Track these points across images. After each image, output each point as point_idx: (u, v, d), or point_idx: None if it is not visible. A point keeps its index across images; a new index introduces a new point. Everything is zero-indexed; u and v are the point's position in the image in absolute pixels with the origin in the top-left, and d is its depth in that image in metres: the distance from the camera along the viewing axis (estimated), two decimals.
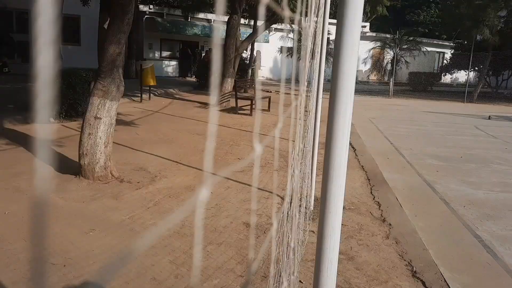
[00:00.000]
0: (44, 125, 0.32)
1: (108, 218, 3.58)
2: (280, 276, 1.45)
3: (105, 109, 4.39)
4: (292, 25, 19.99)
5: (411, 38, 21.43)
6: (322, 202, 0.96)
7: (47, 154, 0.30)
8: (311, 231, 3.59)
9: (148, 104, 11.18)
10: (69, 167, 4.80)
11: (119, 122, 5.04)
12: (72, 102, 7.50)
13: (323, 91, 3.80)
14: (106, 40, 4.27)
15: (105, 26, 4.40)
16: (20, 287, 2.51)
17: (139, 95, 11.51)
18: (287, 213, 1.53)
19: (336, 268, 1.08)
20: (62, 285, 2.53)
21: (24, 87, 11.50)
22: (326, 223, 0.99)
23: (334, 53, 0.89)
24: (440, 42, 28.93)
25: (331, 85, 0.91)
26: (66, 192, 4.13)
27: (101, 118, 4.37)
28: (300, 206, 2.48)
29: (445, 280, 2.83)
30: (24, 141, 5.91)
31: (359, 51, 0.96)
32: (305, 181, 3.05)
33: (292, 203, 1.63)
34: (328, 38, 4.13)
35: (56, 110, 7.44)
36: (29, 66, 17.14)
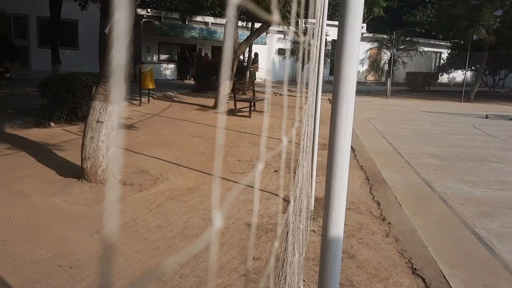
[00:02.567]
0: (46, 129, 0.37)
1: (112, 221, 3.62)
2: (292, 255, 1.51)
3: (107, 113, 4.44)
4: (293, 28, 20.06)
5: (408, 39, 21.51)
6: (326, 198, 1.01)
7: (49, 158, 0.35)
8: (312, 230, 3.65)
9: (147, 107, 11.23)
10: (71, 170, 4.85)
11: (119, 125, 5.08)
12: (72, 106, 7.54)
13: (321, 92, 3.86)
14: (107, 44, 4.32)
15: (106, 31, 4.45)
16: None
17: (138, 98, 11.56)
18: (299, 207, 1.60)
19: (340, 262, 1.13)
20: (70, 286, 2.58)
21: (23, 92, 11.54)
22: (330, 219, 1.04)
23: (336, 58, 0.94)
24: (436, 42, 29.05)
25: (333, 88, 0.97)
26: (70, 195, 4.18)
27: (103, 122, 4.42)
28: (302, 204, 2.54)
29: (444, 277, 2.88)
30: (25, 146, 5.96)
31: None
32: (307, 181, 3.11)
33: (301, 199, 1.69)
34: (325, 40, 4.19)
35: (57, 114, 7.47)
36: (28, 70, 17.18)
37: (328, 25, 4.47)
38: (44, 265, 2.83)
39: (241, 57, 16.32)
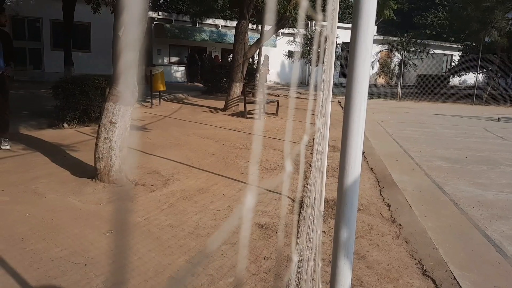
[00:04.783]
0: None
1: (125, 220, 3.68)
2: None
3: (120, 114, 4.51)
4: (302, 29, 20.09)
5: (419, 41, 21.42)
6: (338, 196, 1.05)
7: (63, 158, 0.39)
8: (323, 231, 3.67)
9: (158, 109, 11.34)
10: (85, 170, 4.93)
11: (131, 127, 5.17)
12: (85, 108, 7.65)
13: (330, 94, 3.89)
14: (121, 47, 4.39)
15: (120, 33, 4.53)
16: (44, 285, 2.62)
17: (149, 100, 11.68)
18: (313, 208, 1.64)
19: (352, 259, 1.16)
20: (84, 283, 2.64)
21: (37, 94, 11.74)
22: (342, 216, 1.07)
23: (349, 59, 0.98)
24: (448, 45, 28.86)
25: (346, 89, 1.00)
26: (83, 195, 4.26)
27: (116, 123, 4.49)
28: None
29: (455, 278, 2.89)
30: (40, 146, 6.07)
31: None
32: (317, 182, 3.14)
33: (315, 198, 1.74)
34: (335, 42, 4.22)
35: (70, 115, 7.59)
36: (42, 72, 17.44)
37: (338, 27, 4.50)
38: (59, 262, 2.89)
39: (251, 59, 16.37)
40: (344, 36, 18.09)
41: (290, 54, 22.48)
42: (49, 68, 17.68)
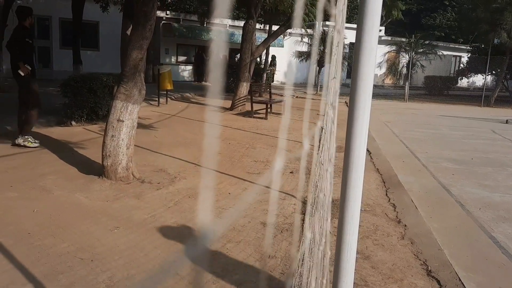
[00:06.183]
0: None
1: (131, 217, 3.72)
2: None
3: (128, 112, 4.55)
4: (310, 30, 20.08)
5: (427, 42, 21.31)
6: (342, 192, 1.06)
7: (71, 156, 0.40)
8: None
9: (165, 108, 11.39)
10: (92, 168, 4.98)
11: (138, 125, 5.21)
12: (93, 106, 7.71)
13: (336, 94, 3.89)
14: (129, 45, 4.43)
15: (128, 32, 4.57)
16: (51, 280, 2.65)
17: (157, 99, 11.73)
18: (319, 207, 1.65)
19: (355, 254, 1.18)
20: (91, 278, 2.67)
21: (46, 92, 11.83)
22: (346, 212, 1.08)
23: (354, 58, 0.99)
24: (456, 46, 28.67)
25: (351, 87, 1.01)
26: (90, 192, 4.30)
27: (123, 121, 4.53)
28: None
29: (460, 279, 2.88)
30: (48, 144, 6.13)
31: None
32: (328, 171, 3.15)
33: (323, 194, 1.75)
34: (343, 43, 4.23)
35: (78, 113, 7.65)
36: (51, 71, 17.57)
37: (345, 27, 4.50)
38: (66, 258, 2.93)
39: (258, 59, 16.38)
40: (352, 36, 18.06)
41: (297, 54, 22.45)
42: (58, 66, 17.81)
